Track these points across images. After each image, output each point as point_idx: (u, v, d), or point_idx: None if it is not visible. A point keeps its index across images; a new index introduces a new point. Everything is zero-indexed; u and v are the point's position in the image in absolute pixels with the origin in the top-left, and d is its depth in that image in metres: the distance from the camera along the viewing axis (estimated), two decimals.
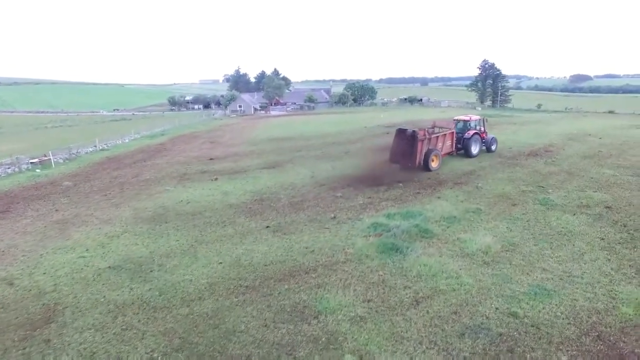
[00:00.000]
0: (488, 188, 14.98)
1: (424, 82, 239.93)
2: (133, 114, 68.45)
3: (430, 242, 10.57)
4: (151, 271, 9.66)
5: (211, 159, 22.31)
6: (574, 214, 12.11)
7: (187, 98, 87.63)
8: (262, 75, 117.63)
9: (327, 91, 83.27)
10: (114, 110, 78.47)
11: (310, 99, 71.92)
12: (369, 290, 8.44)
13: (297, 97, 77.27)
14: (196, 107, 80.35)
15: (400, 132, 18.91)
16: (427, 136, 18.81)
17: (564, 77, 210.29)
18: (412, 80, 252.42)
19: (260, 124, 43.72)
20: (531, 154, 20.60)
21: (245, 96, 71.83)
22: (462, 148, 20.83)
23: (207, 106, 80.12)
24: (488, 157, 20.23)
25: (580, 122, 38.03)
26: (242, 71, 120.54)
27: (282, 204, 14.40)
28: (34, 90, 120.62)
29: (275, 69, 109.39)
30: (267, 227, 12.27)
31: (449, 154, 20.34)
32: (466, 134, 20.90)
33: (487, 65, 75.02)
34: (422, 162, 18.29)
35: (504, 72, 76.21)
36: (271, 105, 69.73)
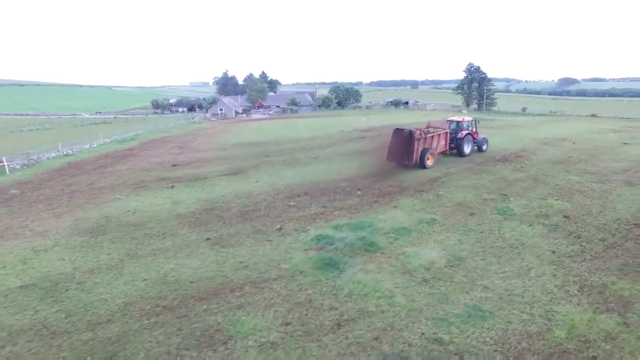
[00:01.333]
0: (449, 196, 14.43)
1: (415, 84, 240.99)
2: (115, 117, 67.22)
3: (372, 256, 9.96)
4: (67, 290, 8.91)
5: (174, 165, 21.52)
6: (530, 225, 11.59)
7: (171, 101, 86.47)
8: (249, 78, 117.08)
9: (312, 94, 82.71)
10: (97, 113, 77.06)
11: (293, 102, 71.20)
12: (292, 311, 7.79)
13: (283, 100, 76.59)
14: (180, 110, 79.30)
15: (398, 132, 19.47)
16: (423, 136, 19.46)
17: (553, 80, 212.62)
18: (402, 83, 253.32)
19: (236, 128, 42.87)
20: (502, 160, 20.14)
21: (227, 99, 70.90)
22: (455, 147, 21.52)
23: (191, 109, 79.12)
24: (455, 162, 19.74)
25: (560, 126, 37.88)
26: (230, 74, 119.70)
27: (231, 213, 13.71)
28: (17, 92, 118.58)
29: (262, 72, 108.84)
30: (208, 239, 11.58)
31: (443, 153, 20.99)
32: (459, 134, 21.62)
33: (472, 69, 75.06)
34: (418, 160, 18.94)
35: (494, 75, 77.32)
36: (254, 108, 68.97)
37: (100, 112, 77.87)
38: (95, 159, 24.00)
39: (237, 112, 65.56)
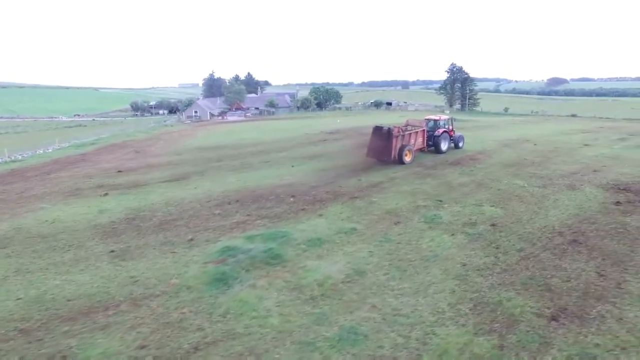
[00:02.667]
0: (382, 203, 13.86)
1: (406, 85, 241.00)
2: (93, 120, 66.19)
3: (270, 270, 9.34)
4: None
5: (120, 171, 20.75)
6: (453, 234, 11.03)
7: (151, 103, 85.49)
8: (236, 79, 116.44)
9: (292, 95, 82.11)
10: (75, 115, 75.96)
11: (271, 104, 70.56)
12: (155, 332, 7.16)
13: (264, 101, 75.78)
14: (161, 112, 78.35)
15: (377, 130, 20.37)
16: (401, 133, 20.49)
17: (542, 80, 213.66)
18: (394, 84, 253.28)
19: (205, 131, 42.00)
20: (454, 163, 19.65)
21: (202, 102, 70.12)
22: (432, 145, 22.68)
23: (172, 111, 78.23)
24: (404, 167, 19.20)
25: (532, 127, 37.66)
26: (216, 75, 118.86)
27: (152, 223, 13.03)
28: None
29: (248, 73, 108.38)
30: (112, 251, 10.90)
31: (421, 149, 22.12)
32: (436, 132, 22.78)
33: (455, 69, 74.90)
34: (397, 156, 19.78)
35: (485, 75, 77.91)
36: (232, 110, 68.24)
37: (79, 115, 76.75)
38: (42, 165, 23.17)
39: (212, 115, 64.79)
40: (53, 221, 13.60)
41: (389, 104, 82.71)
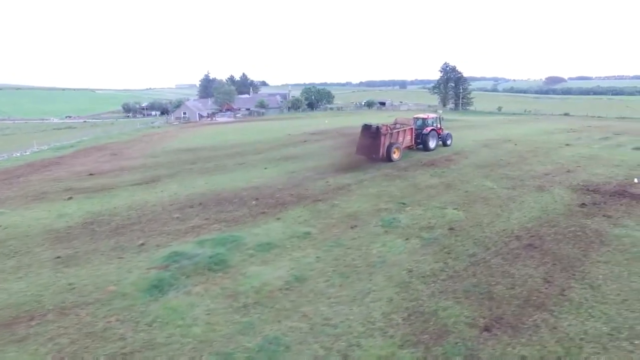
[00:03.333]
0: (344, 206, 13.57)
1: (404, 85, 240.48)
2: (84, 121, 65.97)
3: (211, 277, 9.07)
4: None
5: (91, 174, 20.45)
6: (407, 239, 10.74)
7: (143, 104, 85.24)
8: (231, 80, 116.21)
9: (284, 96, 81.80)
10: (66, 117, 75.73)
11: (262, 105, 70.27)
12: (74, 344, 6.86)
13: (255, 102, 75.46)
14: (153, 113, 78.07)
15: (366, 128, 20.70)
16: (390, 131, 20.81)
17: (540, 79, 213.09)
18: (391, 83, 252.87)
19: (189, 132, 41.61)
20: (428, 164, 19.37)
21: (191, 103, 69.85)
22: (421, 142, 23.13)
23: (164, 112, 78.03)
24: (377, 168, 18.90)
25: (519, 126, 37.39)
26: (211, 76, 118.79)
27: (108, 227, 12.75)
28: None
29: (243, 74, 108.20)
30: (58, 257, 10.62)
31: (409, 147, 22.58)
32: (424, 130, 23.22)
33: (448, 68, 74.56)
34: (385, 154, 20.13)
35: (483, 74, 78.11)
36: (222, 111, 67.96)
37: (70, 117, 76.53)
38: (14, 169, 22.85)
39: (201, 116, 64.49)
40: (7, 227, 13.29)
41: (382, 103, 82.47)
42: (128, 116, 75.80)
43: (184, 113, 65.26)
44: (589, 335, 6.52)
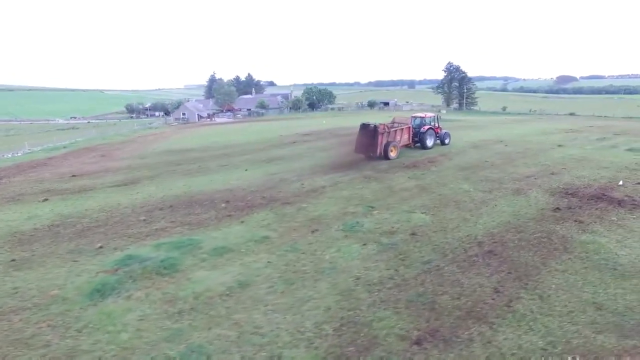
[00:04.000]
0: (311, 209, 13.32)
1: (412, 84, 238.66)
2: (88, 122, 66.95)
3: (157, 281, 8.91)
4: None
5: (74, 175, 20.57)
6: (365, 244, 10.42)
7: (146, 105, 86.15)
8: (237, 80, 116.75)
9: (286, 96, 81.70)
10: (71, 118, 76.99)
11: (262, 105, 70.27)
12: None
13: (257, 102, 75.47)
14: (157, 114, 78.80)
15: (364, 127, 21.28)
16: (387, 130, 21.46)
17: (551, 78, 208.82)
18: (400, 83, 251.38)
19: (183, 133, 41.63)
20: (410, 165, 18.98)
21: (190, 104, 70.25)
22: (418, 141, 23.62)
23: (167, 113, 78.72)
24: (358, 169, 18.58)
25: (518, 127, 36.56)
26: (217, 76, 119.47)
27: (74, 229, 12.71)
28: (3, 98, 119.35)
29: (249, 74, 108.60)
30: (13, 260, 10.59)
31: (407, 146, 23.19)
32: (422, 129, 23.68)
33: (452, 68, 73.50)
34: (382, 152, 20.74)
35: (493, 74, 77.09)
36: (222, 112, 68.19)
37: (75, 117, 77.79)
38: (0, 170, 23.16)
39: (200, 117, 64.80)
40: None
41: (386, 103, 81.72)
42: (131, 117, 76.78)
43: (183, 114, 65.68)
44: (522, 349, 6.18)
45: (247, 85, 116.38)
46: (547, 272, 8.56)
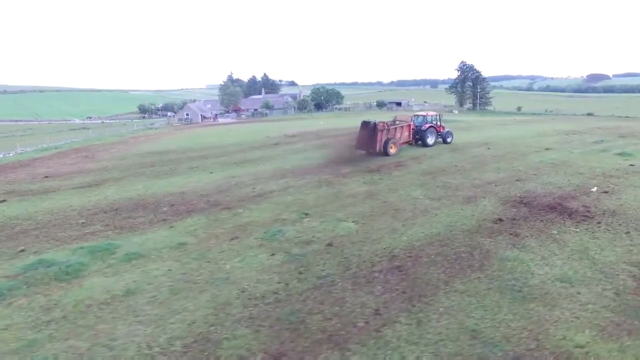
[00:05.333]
0: (246, 215, 13.02)
1: (435, 84, 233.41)
2: (102, 122, 69.46)
3: (51, 287, 8.79)
4: None
5: (47, 176, 21.13)
6: (274, 254, 9.98)
7: (158, 105, 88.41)
8: (253, 80, 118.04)
9: (294, 97, 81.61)
10: (87, 118, 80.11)
11: (267, 106, 70.45)
12: None
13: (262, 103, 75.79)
14: (169, 114, 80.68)
15: (364, 124, 22.18)
16: (386, 127, 22.19)
17: (582, 77, 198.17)
18: (422, 83, 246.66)
19: (177, 134, 42.13)
20: (374, 170, 18.31)
21: (193, 104, 71.29)
22: (420, 139, 24.29)
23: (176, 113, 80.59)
24: (312, 175, 18.06)
25: (517, 128, 34.90)
26: (235, 76, 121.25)
27: (10, 232, 12.79)
28: (33, 98, 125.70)
29: (264, 74, 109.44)
30: None
31: (408, 143, 23.88)
32: (423, 127, 24.41)
33: (465, 67, 71.09)
34: (382, 149, 21.49)
35: (519, 72, 73.42)
36: (228, 112, 68.91)
37: (90, 117, 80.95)
38: None
39: (204, 117, 65.74)
40: None
41: (398, 104, 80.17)
42: (143, 117, 79.28)
43: (187, 114, 66.93)
44: None
45: (264, 85, 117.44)
46: (445, 292, 7.88)
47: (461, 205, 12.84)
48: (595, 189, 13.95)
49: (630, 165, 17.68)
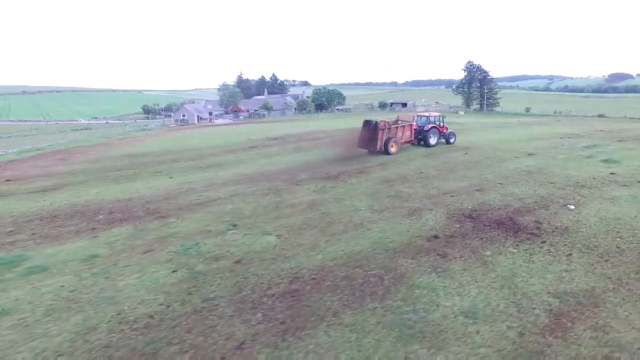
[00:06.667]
0: (174, 225, 12.32)
1: (450, 84, 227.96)
2: (107, 122, 70.61)
3: None
4: None
5: (8, 180, 21.00)
6: (176, 270, 9.29)
7: (161, 106, 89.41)
8: (261, 80, 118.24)
9: (295, 97, 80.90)
10: (93, 118, 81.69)
11: (266, 107, 69.93)
12: None
13: (269, 104, 75.45)
14: (172, 114, 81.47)
15: (366, 123, 22.51)
16: (388, 126, 22.51)
17: (603, 76, 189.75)
18: (438, 83, 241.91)
19: (164, 136, 41.70)
20: (332, 176, 17.37)
21: (190, 105, 71.45)
22: (422, 139, 24.38)
23: None
24: (266, 182, 17.28)
25: (511, 131, 33.23)
26: (244, 77, 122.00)
27: None
28: (47, 98, 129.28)
29: (273, 74, 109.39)
30: None
31: (410, 143, 24.10)
32: (425, 128, 24.48)
33: (472, 67, 68.82)
34: (382, 147, 21.85)
35: (537, 72, 70.77)
36: (227, 113, 68.84)
37: (96, 118, 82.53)
38: None
39: (201, 118, 65.77)
40: None
41: (404, 104, 78.50)
42: (147, 117, 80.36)
43: (183, 115, 67.25)
44: None
45: (271, 85, 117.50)
46: (327, 325, 6.99)
47: (401, 219, 11.83)
48: (571, 207, 12.48)
49: (611, 173, 16.19)
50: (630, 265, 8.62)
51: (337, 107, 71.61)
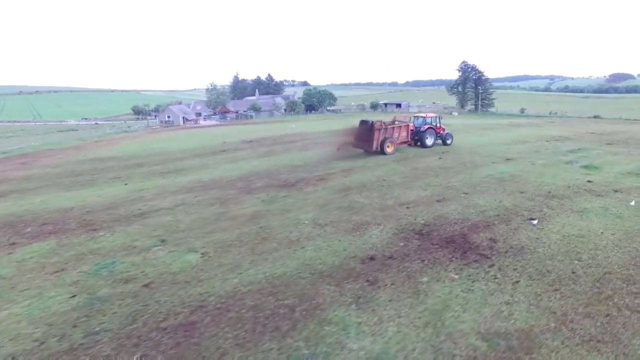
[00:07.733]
0: (104, 239, 11.31)
1: (450, 84, 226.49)
2: (96, 123, 69.80)
3: None
4: None
5: None
6: (76, 295, 8.29)
7: (151, 107, 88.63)
8: (257, 81, 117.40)
9: (286, 98, 79.83)
10: (82, 119, 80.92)
11: (254, 108, 68.89)
12: None
13: (262, 105, 74.41)
14: (158, 115, 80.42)
15: (363, 123, 22.84)
16: (384, 127, 22.43)
17: (604, 76, 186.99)
18: (438, 83, 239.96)
19: (141, 138, 40.86)
20: (289, 184, 16.35)
21: (175, 107, 70.52)
22: (418, 140, 24.43)
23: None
24: (221, 190, 16.29)
25: (500, 133, 32.16)
26: (240, 77, 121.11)
27: None
28: (43, 99, 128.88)
29: (269, 74, 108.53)
30: None
31: (407, 143, 24.12)
32: (422, 129, 24.61)
33: (467, 68, 67.53)
34: (378, 147, 21.84)
35: (538, 72, 69.48)
36: (215, 114, 67.92)
37: (86, 119, 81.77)
38: None
39: (186, 119, 64.77)
40: None
41: (398, 105, 77.31)
42: (138, 118, 79.59)
43: (168, 116, 66.27)
44: None
45: (267, 86, 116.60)
46: None
47: (342, 235, 10.77)
48: (535, 222, 11.38)
49: (588, 181, 15.06)
50: (581, 296, 7.54)
51: (327, 108, 70.50)
